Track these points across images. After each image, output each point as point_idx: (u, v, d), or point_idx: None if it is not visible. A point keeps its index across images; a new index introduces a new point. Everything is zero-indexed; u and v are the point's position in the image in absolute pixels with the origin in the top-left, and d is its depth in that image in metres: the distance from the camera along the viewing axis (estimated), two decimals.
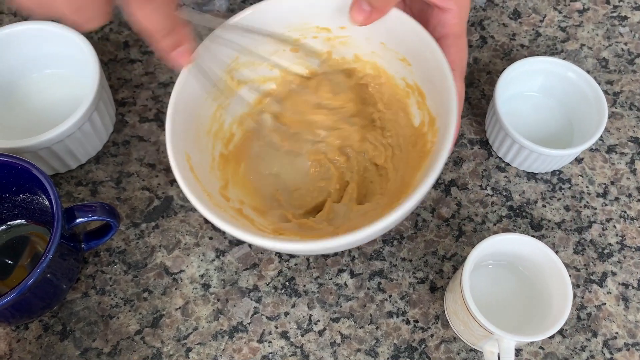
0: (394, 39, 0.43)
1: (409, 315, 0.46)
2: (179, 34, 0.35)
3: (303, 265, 0.48)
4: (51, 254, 0.40)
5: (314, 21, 0.44)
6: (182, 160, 0.39)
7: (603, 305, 0.46)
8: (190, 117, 0.42)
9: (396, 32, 0.42)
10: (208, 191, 0.40)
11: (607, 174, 0.51)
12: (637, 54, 0.57)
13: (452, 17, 0.42)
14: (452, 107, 0.37)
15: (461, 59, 0.42)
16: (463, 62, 0.42)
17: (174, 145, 0.39)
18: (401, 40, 0.42)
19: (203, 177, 0.41)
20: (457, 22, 0.42)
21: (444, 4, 0.41)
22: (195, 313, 0.46)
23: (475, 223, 0.49)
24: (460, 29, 0.42)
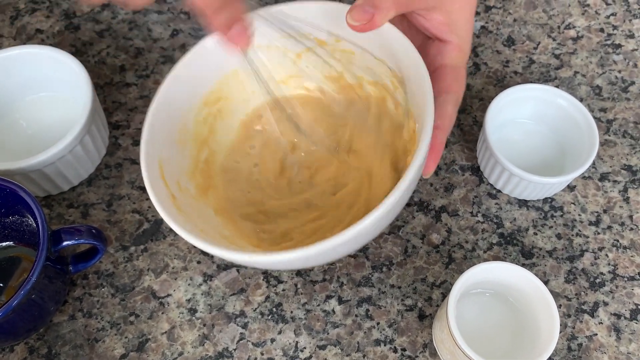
0: (385, 53, 0.43)
1: (397, 344, 0.46)
2: (233, 8, 0.33)
3: (291, 291, 0.48)
4: (35, 276, 0.40)
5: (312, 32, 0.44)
6: (155, 167, 0.40)
7: (594, 336, 0.46)
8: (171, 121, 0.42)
9: (386, 47, 0.42)
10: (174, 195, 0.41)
11: (600, 202, 0.51)
12: (630, 82, 0.57)
13: (451, 48, 0.42)
14: (427, 123, 0.36)
15: (457, 86, 0.42)
16: (460, 89, 0.42)
17: (148, 152, 0.40)
18: (391, 55, 0.42)
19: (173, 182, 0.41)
20: (456, 54, 0.42)
21: (445, 36, 0.42)
22: (181, 338, 0.46)
23: (465, 250, 0.49)
24: (460, 61, 0.42)
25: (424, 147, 0.35)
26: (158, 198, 0.38)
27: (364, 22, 0.38)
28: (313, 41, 0.45)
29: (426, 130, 0.36)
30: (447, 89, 0.41)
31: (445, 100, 0.40)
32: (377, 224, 0.35)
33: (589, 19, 0.61)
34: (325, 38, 0.45)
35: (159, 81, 0.57)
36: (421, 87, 0.38)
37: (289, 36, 0.44)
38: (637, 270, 0.48)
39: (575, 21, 0.61)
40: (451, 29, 0.41)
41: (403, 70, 0.42)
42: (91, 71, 0.57)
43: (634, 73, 0.58)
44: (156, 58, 0.58)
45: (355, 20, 0.38)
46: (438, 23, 0.41)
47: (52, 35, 0.60)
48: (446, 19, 0.41)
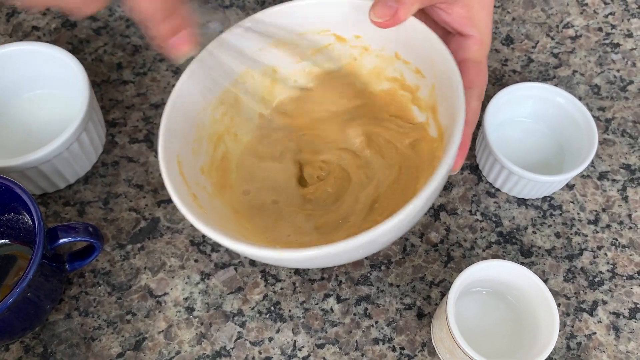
0: (409, 49, 0.42)
1: (395, 342, 0.45)
2: (179, 17, 0.33)
3: (289, 289, 0.47)
4: (31, 274, 0.39)
5: (331, 28, 0.44)
6: (174, 162, 0.39)
7: (593, 335, 0.45)
8: (187, 120, 0.42)
9: (411, 42, 0.42)
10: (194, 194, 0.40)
11: (599, 201, 0.51)
12: (629, 81, 0.57)
13: (472, 43, 0.42)
14: (459, 120, 0.36)
15: (480, 81, 0.42)
16: (482, 83, 0.42)
17: (166, 147, 0.39)
18: (415, 50, 0.42)
19: (192, 180, 0.41)
20: (477, 48, 0.42)
21: (465, 30, 0.41)
22: (178, 337, 0.46)
23: (464, 249, 0.49)
24: (481, 55, 0.42)
25: (457, 141, 0.35)
26: (179, 195, 0.37)
27: (387, 18, 0.37)
28: (332, 37, 0.45)
29: (458, 125, 0.35)
30: (470, 83, 0.40)
31: (470, 95, 0.40)
32: (412, 216, 0.34)
33: (587, 18, 0.61)
34: (345, 34, 0.44)
35: (156, 78, 0.57)
36: (450, 82, 0.38)
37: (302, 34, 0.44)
38: (635, 269, 0.48)
39: (573, 20, 0.61)
40: (472, 23, 0.41)
41: (429, 66, 0.41)
42: (88, 69, 0.56)
43: (633, 72, 0.57)
44: (153, 56, 0.58)
45: (379, 16, 0.38)
46: (459, 17, 0.41)
47: (48, 32, 0.60)
48: (467, 13, 0.41)
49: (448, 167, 0.35)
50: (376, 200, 0.44)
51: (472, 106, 0.40)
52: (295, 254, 0.34)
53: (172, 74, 0.57)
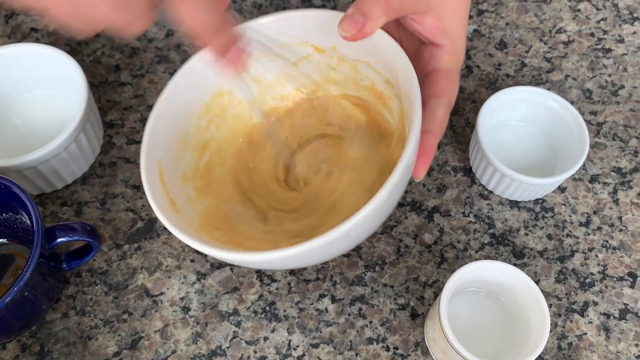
0: (378, 60, 0.43)
1: (389, 342, 0.46)
2: (229, 32, 0.33)
3: (284, 289, 0.48)
4: (29, 273, 0.40)
5: (309, 39, 0.45)
6: (154, 170, 0.40)
7: (584, 335, 0.46)
8: (172, 127, 0.43)
9: (379, 53, 0.42)
10: (172, 199, 0.41)
11: (590, 204, 0.52)
12: (620, 86, 0.58)
13: (444, 52, 0.42)
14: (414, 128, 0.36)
15: (450, 90, 0.42)
16: (452, 93, 0.42)
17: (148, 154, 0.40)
18: (384, 61, 0.43)
19: (173, 186, 0.42)
20: (449, 57, 0.42)
21: (437, 40, 0.42)
22: (174, 336, 0.46)
23: (457, 250, 0.49)
24: (453, 64, 0.43)
25: (411, 148, 0.36)
26: (155, 200, 0.39)
27: (354, 32, 0.38)
28: (310, 49, 0.46)
29: (413, 132, 0.36)
30: (439, 92, 0.41)
31: (437, 103, 0.40)
32: (364, 223, 0.35)
33: (579, 24, 0.62)
34: (323, 45, 0.45)
35: (153, 80, 0.57)
36: (410, 90, 0.39)
37: (283, 45, 0.45)
38: (626, 271, 0.49)
39: (566, 25, 0.62)
40: (444, 33, 0.42)
41: (394, 75, 0.42)
42: (86, 70, 0.57)
43: (624, 77, 0.58)
44: (151, 58, 0.59)
45: (346, 30, 0.38)
46: (430, 27, 0.42)
47: (47, 34, 0.60)
48: (438, 23, 0.41)
49: (401, 172, 0.35)
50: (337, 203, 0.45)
51: (438, 115, 0.40)
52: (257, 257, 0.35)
53: (170, 76, 0.57)
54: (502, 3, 0.63)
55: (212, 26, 0.32)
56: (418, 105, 0.37)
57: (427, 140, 0.39)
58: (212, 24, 0.32)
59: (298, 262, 0.41)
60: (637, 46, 0.60)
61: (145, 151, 0.41)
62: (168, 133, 0.43)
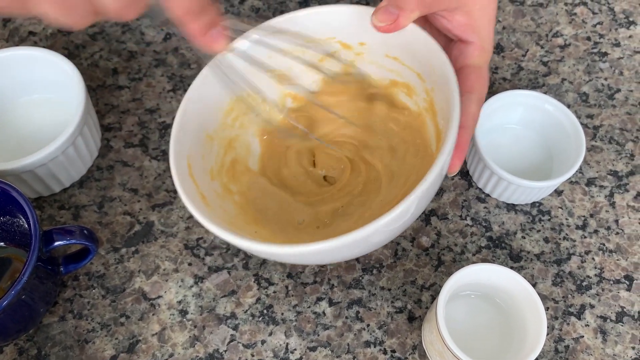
0: (410, 54, 0.43)
1: (387, 345, 0.46)
2: (210, 14, 0.33)
3: (282, 292, 0.48)
4: (26, 276, 0.40)
5: (336, 35, 0.45)
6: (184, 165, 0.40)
7: (581, 338, 0.46)
8: (198, 123, 0.43)
9: (411, 47, 0.42)
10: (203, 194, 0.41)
11: (587, 207, 0.52)
12: (616, 89, 0.58)
13: (473, 49, 0.42)
14: (453, 123, 0.37)
15: (480, 85, 0.42)
16: (483, 88, 0.42)
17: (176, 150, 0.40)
18: (415, 56, 0.43)
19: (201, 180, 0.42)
20: (478, 54, 0.42)
21: (466, 36, 0.42)
22: (171, 339, 0.46)
23: (454, 253, 0.50)
24: (482, 61, 0.43)
25: (450, 145, 0.36)
26: (188, 196, 0.38)
27: (388, 23, 0.39)
28: (337, 45, 0.46)
29: (452, 129, 0.36)
30: (470, 88, 0.41)
31: (469, 99, 0.40)
32: (403, 216, 0.35)
33: (576, 28, 0.62)
34: (350, 41, 0.45)
35: (151, 84, 0.57)
36: (447, 86, 0.39)
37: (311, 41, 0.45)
38: (622, 274, 0.49)
39: (562, 29, 0.62)
40: (473, 30, 0.42)
41: (429, 71, 0.42)
42: (84, 74, 0.57)
43: (620, 81, 0.59)
44: (149, 61, 0.59)
45: (380, 20, 0.39)
46: (460, 24, 0.42)
47: (45, 37, 0.60)
48: (468, 20, 0.41)
49: (440, 168, 0.35)
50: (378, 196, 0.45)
51: (470, 110, 0.40)
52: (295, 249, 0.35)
53: (168, 79, 0.58)
54: (499, 7, 0.63)
55: (193, 9, 0.32)
56: (456, 100, 0.37)
57: (461, 135, 0.39)
58: (192, 7, 0.32)
59: (328, 256, 0.40)
60: (633, 50, 0.61)
61: (174, 146, 0.40)
62: (194, 129, 0.43)
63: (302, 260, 0.45)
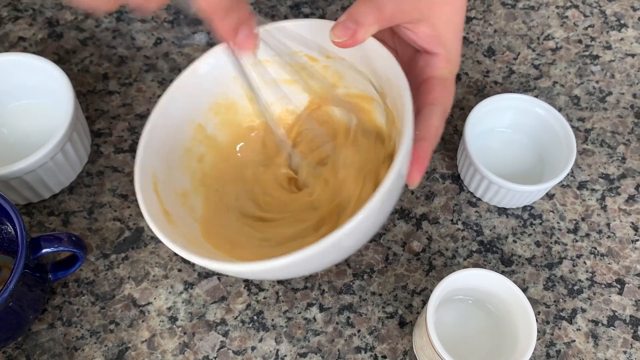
0: (371, 68, 0.43)
1: (377, 351, 0.46)
2: (240, 12, 0.33)
3: (272, 298, 0.48)
4: (13, 284, 0.39)
5: (302, 49, 0.45)
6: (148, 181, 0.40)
7: (572, 343, 0.46)
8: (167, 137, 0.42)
9: (372, 61, 0.42)
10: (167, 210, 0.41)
11: (578, 210, 0.52)
12: (608, 92, 0.58)
13: (438, 60, 0.42)
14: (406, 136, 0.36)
15: (445, 97, 0.42)
16: (447, 100, 0.42)
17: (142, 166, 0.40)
18: (376, 69, 0.43)
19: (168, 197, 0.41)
20: (444, 65, 0.42)
21: (432, 48, 0.42)
22: (161, 346, 0.46)
23: (445, 258, 0.49)
24: (447, 72, 0.43)
25: (402, 156, 0.35)
26: (149, 211, 0.38)
27: (346, 39, 0.38)
28: (304, 58, 0.45)
29: (404, 139, 0.36)
30: (433, 100, 0.41)
31: (432, 111, 0.40)
32: (356, 231, 0.35)
33: (567, 31, 0.62)
34: (317, 55, 0.45)
35: (141, 89, 0.57)
36: (401, 97, 0.38)
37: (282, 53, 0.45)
38: (614, 278, 0.49)
39: (554, 32, 0.62)
40: (438, 41, 0.42)
41: (385, 82, 0.42)
42: (74, 79, 0.57)
43: (611, 83, 0.59)
44: (139, 66, 0.59)
45: (338, 36, 0.38)
46: (425, 35, 0.41)
47: (35, 43, 0.60)
48: (433, 31, 0.41)
49: (393, 180, 0.35)
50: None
51: (432, 122, 0.40)
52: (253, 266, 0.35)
53: (158, 85, 0.58)
54: (490, 10, 0.63)
55: (223, 8, 0.32)
56: (409, 112, 0.37)
57: (420, 148, 0.39)
58: (222, 5, 0.32)
59: (289, 272, 0.40)
60: (625, 53, 0.61)
61: (140, 162, 0.40)
62: (163, 143, 0.42)
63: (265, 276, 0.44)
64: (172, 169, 0.43)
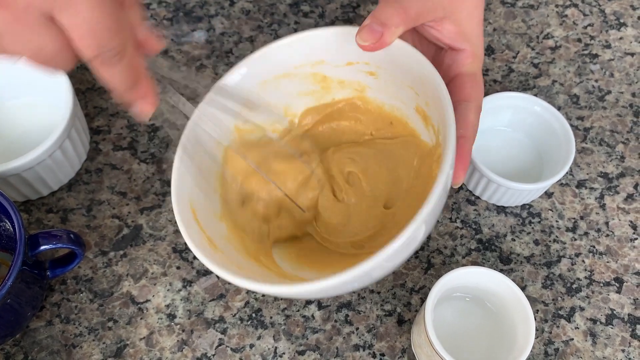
0: (400, 70, 0.42)
1: (376, 349, 0.46)
2: (143, 87, 0.34)
3: (270, 296, 0.48)
4: (11, 280, 0.39)
5: (324, 59, 0.44)
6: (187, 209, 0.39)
7: (571, 341, 0.46)
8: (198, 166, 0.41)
9: (400, 62, 0.41)
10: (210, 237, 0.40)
11: (577, 209, 0.52)
12: (607, 91, 0.58)
13: (465, 56, 0.42)
14: (450, 136, 0.35)
15: (476, 93, 0.42)
16: (478, 96, 0.42)
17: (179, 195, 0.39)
18: (406, 70, 0.42)
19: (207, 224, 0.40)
20: (471, 61, 0.42)
21: (457, 44, 0.42)
22: (159, 343, 0.46)
23: (444, 256, 0.49)
24: (475, 67, 0.42)
25: (450, 157, 0.35)
26: (194, 242, 0.37)
27: (373, 42, 0.38)
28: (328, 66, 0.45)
29: (450, 141, 0.35)
30: (466, 97, 0.40)
31: (467, 108, 0.40)
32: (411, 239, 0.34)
33: (567, 29, 0.62)
34: (338, 62, 0.44)
35: None
36: (439, 98, 0.38)
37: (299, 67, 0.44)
38: (612, 276, 0.49)
39: (553, 31, 0.62)
40: (463, 37, 0.41)
41: (419, 85, 0.41)
42: (73, 76, 0.57)
43: (610, 82, 0.59)
44: None
45: (364, 40, 0.38)
46: (449, 32, 0.41)
47: None
48: (457, 28, 0.41)
49: (444, 182, 0.34)
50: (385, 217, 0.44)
51: (469, 119, 0.39)
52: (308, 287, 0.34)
53: (157, 82, 0.57)
54: (490, 9, 0.63)
55: (129, 85, 0.32)
56: (450, 113, 0.36)
57: (462, 145, 0.38)
58: (128, 84, 0.32)
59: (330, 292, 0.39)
60: (624, 52, 0.61)
61: (176, 193, 0.39)
62: (194, 172, 0.41)
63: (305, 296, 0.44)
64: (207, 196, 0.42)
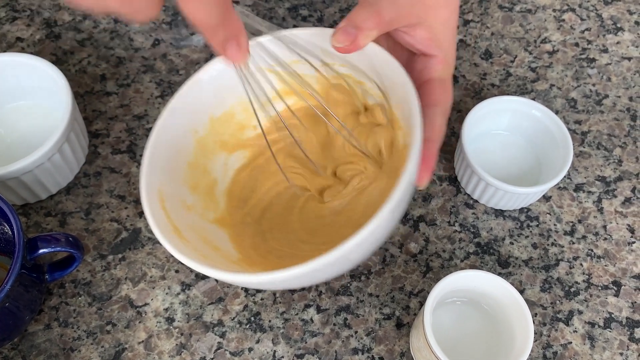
0: (374, 72, 0.43)
1: (374, 352, 0.46)
2: (231, 27, 0.34)
3: (269, 300, 0.48)
4: (9, 284, 0.39)
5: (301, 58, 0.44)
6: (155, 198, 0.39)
7: (569, 344, 0.46)
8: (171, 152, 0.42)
9: (374, 65, 0.42)
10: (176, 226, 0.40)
11: (575, 212, 0.52)
12: (604, 95, 0.58)
13: (436, 62, 0.43)
14: (416, 138, 0.36)
15: (445, 98, 0.43)
16: (447, 101, 0.43)
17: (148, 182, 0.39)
18: (378, 73, 0.42)
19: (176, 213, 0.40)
20: (442, 67, 0.43)
21: (429, 50, 0.42)
22: (158, 347, 0.46)
23: (442, 259, 0.49)
24: (445, 74, 0.43)
25: (414, 159, 0.35)
26: (160, 229, 0.37)
27: (347, 44, 0.39)
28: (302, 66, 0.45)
29: (415, 143, 0.36)
30: (435, 101, 0.41)
31: (434, 112, 0.41)
32: (370, 237, 0.34)
33: (564, 34, 0.62)
34: (314, 62, 0.45)
35: (139, 90, 0.57)
36: (408, 101, 0.38)
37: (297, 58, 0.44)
38: (610, 280, 0.49)
39: (551, 35, 0.62)
40: (435, 43, 0.42)
41: (389, 87, 0.42)
42: (72, 80, 0.57)
43: (608, 86, 0.59)
44: (137, 67, 0.59)
45: (339, 42, 0.39)
46: (422, 38, 0.42)
47: (32, 43, 0.60)
48: (430, 34, 0.42)
49: (406, 182, 0.35)
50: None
51: (436, 123, 0.40)
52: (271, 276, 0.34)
53: (156, 86, 0.58)
54: (488, 13, 0.63)
55: (215, 23, 0.33)
56: (417, 115, 0.37)
57: (428, 148, 0.39)
58: (214, 21, 0.32)
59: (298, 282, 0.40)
60: (621, 56, 0.61)
61: (145, 178, 0.39)
62: (167, 159, 0.41)
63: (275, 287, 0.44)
64: (178, 184, 0.42)
